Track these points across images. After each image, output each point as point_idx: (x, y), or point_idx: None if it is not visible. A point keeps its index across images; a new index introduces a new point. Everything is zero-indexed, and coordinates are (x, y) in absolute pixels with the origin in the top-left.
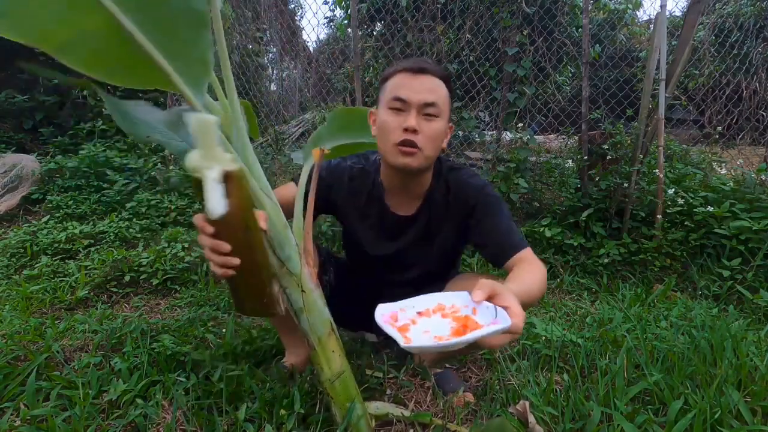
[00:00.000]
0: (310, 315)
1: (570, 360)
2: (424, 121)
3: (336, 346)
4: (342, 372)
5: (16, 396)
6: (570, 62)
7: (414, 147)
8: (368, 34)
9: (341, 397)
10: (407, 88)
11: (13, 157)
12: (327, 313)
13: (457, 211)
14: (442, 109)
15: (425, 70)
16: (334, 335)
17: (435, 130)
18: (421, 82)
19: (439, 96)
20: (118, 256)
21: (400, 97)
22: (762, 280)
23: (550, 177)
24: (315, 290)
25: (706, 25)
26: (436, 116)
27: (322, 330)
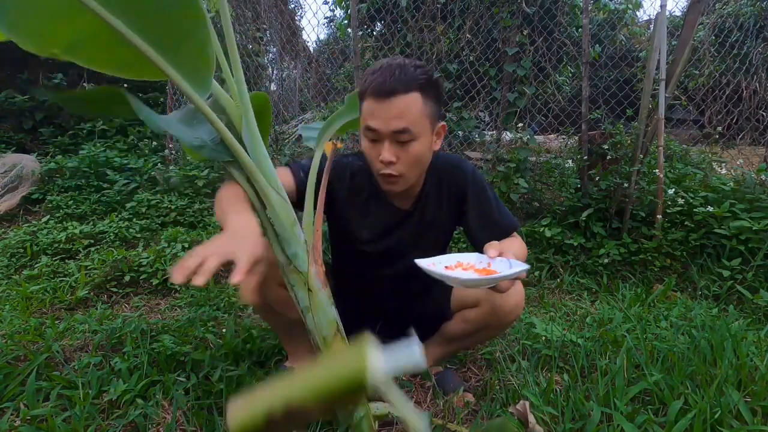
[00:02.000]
0: (316, 315)
1: (570, 360)
2: (400, 148)
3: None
4: None
5: (16, 396)
6: (570, 62)
7: (394, 177)
8: (368, 34)
9: None
10: (376, 118)
11: (13, 157)
12: (333, 313)
13: (449, 199)
14: (417, 129)
15: (393, 92)
16: (340, 336)
17: (413, 154)
18: (389, 109)
19: (410, 118)
20: (118, 256)
21: (370, 127)
22: (762, 280)
23: (550, 177)
24: (322, 290)
25: (706, 25)
26: (411, 140)
27: (327, 330)
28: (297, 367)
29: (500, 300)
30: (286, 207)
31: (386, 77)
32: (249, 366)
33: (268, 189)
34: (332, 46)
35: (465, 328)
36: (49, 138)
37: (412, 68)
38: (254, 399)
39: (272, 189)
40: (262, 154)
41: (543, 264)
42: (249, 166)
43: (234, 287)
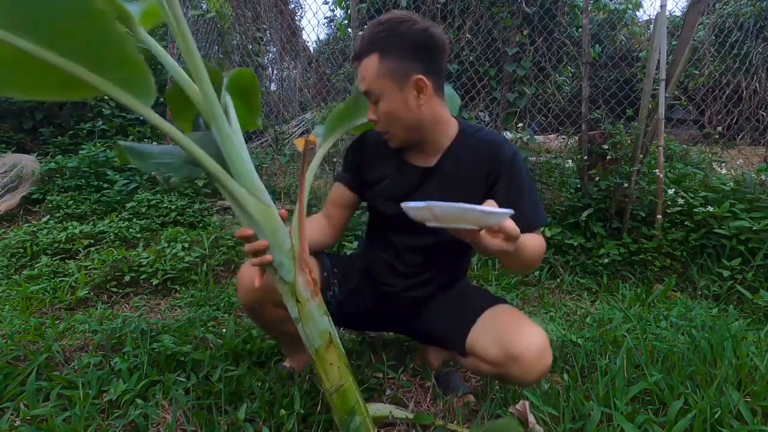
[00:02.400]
0: (306, 326)
1: (570, 360)
2: (375, 107)
3: (335, 358)
4: (341, 385)
5: (16, 396)
6: (570, 62)
7: (386, 134)
8: None
9: (339, 409)
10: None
11: (13, 157)
12: (325, 323)
13: (482, 171)
14: (377, 90)
15: (357, 57)
16: (333, 347)
17: (383, 112)
18: (359, 72)
19: (368, 81)
20: (118, 256)
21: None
22: (762, 280)
23: (550, 177)
24: (311, 300)
25: (706, 25)
26: (378, 100)
27: (319, 342)
28: (295, 367)
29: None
30: (267, 212)
31: (359, 43)
32: (249, 366)
33: (241, 193)
34: (332, 46)
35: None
36: (49, 138)
37: (378, 26)
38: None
39: (248, 193)
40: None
41: (543, 264)
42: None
43: (234, 287)
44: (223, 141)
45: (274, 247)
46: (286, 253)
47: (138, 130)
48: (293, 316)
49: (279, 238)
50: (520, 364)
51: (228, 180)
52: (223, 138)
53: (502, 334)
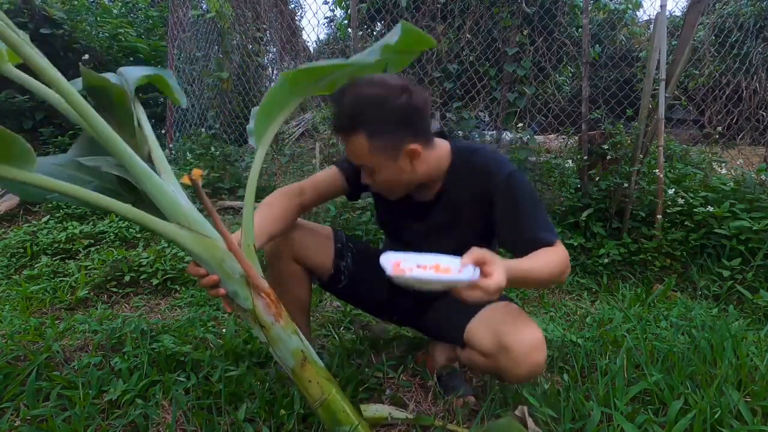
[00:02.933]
0: (276, 348)
1: (570, 360)
2: (368, 176)
3: (313, 374)
4: (324, 399)
5: (16, 396)
6: (570, 62)
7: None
8: (368, 34)
9: (327, 422)
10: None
11: None
12: (296, 342)
13: (477, 199)
14: (372, 164)
15: (339, 131)
16: (308, 364)
17: (380, 181)
18: (345, 145)
19: (361, 156)
20: (118, 256)
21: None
22: (762, 280)
23: (550, 177)
24: (276, 323)
25: (706, 25)
26: (372, 172)
27: (292, 362)
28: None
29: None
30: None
31: (336, 117)
32: (249, 366)
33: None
34: (332, 46)
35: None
36: (49, 138)
37: (363, 105)
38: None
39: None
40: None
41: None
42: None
43: None
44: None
45: (224, 278)
46: (238, 281)
47: None
48: (261, 340)
49: (227, 267)
50: (510, 355)
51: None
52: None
53: (498, 325)
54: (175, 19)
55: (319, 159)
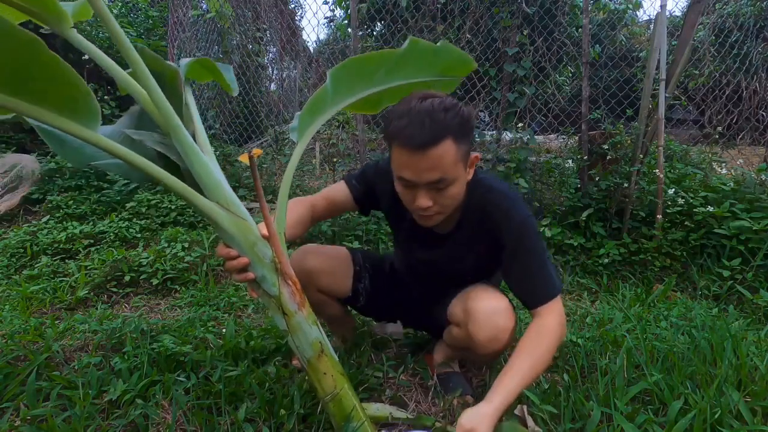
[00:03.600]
0: (295, 337)
1: (570, 360)
2: (437, 192)
3: (328, 367)
4: (336, 393)
5: (16, 396)
6: (570, 62)
7: (432, 214)
8: (368, 34)
9: (336, 417)
10: (410, 170)
11: (13, 157)
12: (315, 333)
13: (491, 236)
14: (452, 175)
15: (424, 145)
16: (325, 356)
17: (449, 196)
18: (422, 162)
19: (445, 168)
20: (118, 256)
21: (404, 178)
22: (762, 280)
23: (550, 177)
24: (299, 311)
25: (706, 25)
26: (447, 185)
27: (310, 352)
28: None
29: (472, 329)
30: (243, 225)
31: (416, 129)
32: (249, 366)
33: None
34: (332, 46)
35: (452, 341)
36: None
37: (442, 113)
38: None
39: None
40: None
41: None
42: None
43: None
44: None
45: (254, 262)
46: (268, 266)
47: None
48: (281, 328)
49: (258, 251)
50: (473, 318)
51: (196, 197)
52: (186, 150)
53: (468, 299)
54: (175, 19)
55: (319, 159)
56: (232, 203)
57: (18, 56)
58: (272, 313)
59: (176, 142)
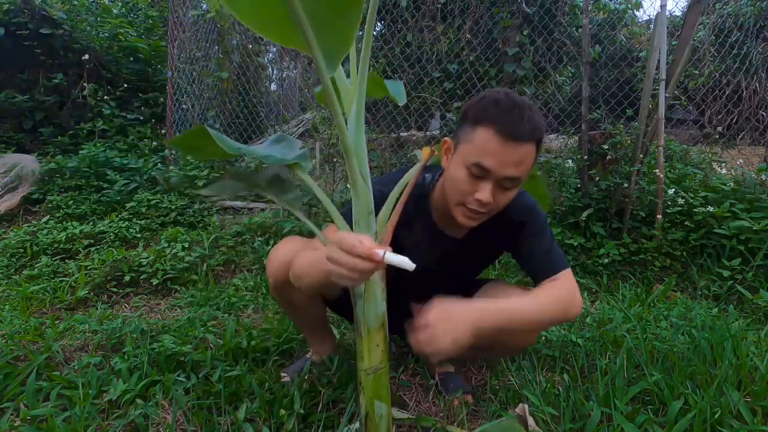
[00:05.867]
0: (367, 303)
1: (570, 360)
2: (500, 191)
3: (382, 341)
4: (380, 368)
5: (16, 396)
6: (570, 62)
7: (481, 214)
8: None
9: (371, 392)
10: (494, 159)
11: (13, 157)
12: (383, 307)
13: (504, 229)
14: (525, 177)
15: (522, 138)
16: (383, 331)
17: (509, 198)
18: (512, 154)
19: (524, 168)
20: (118, 256)
21: (483, 165)
22: (762, 280)
23: (550, 177)
24: (379, 282)
25: (706, 25)
26: (514, 187)
27: (374, 322)
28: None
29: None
30: (368, 195)
31: (518, 119)
32: (249, 366)
33: (356, 174)
34: None
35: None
36: (49, 138)
37: (539, 113)
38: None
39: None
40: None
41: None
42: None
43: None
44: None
45: (363, 227)
46: (371, 234)
47: (138, 130)
48: (357, 291)
49: (370, 219)
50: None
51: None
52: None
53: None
54: (175, 19)
55: (319, 159)
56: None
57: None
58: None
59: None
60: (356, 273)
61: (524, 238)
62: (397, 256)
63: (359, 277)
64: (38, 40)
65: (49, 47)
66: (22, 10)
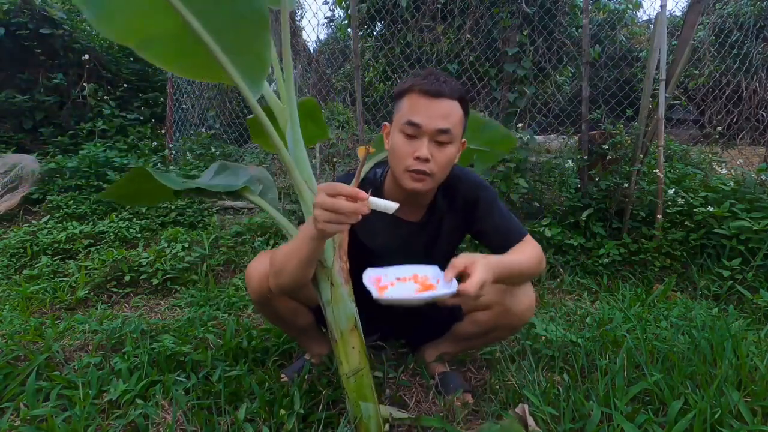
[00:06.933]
0: (336, 308)
1: (570, 360)
2: (436, 148)
3: (357, 343)
4: (359, 369)
5: (16, 396)
6: (570, 62)
7: (425, 174)
8: (368, 34)
9: (355, 394)
10: (422, 114)
11: (13, 157)
12: (353, 309)
13: (460, 209)
14: (456, 133)
15: (442, 93)
16: (357, 332)
17: (447, 156)
18: (436, 108)
19: (453, 121)
20: (118, 256)
21: (413, 121)
22: (762, 280)
23: (550, 177)
24: (344, 285)
25: (706, 25)
26: (448, 142)
27: (345, 324)
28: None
29: (511, 303)
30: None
31: (435, 81)
32: (249, 366)
33: (302, 185)
34: (332, 46)
35: (475, 330)
36: (49, 138)
37: (455, 81)
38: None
39: (306, 185)
40: (300, 152)
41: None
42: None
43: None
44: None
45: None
46: (329, 241)
47: (138, 130)
48: (325, 298)
49: None
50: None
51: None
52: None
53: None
54: None
55: (319, 159)
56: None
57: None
58: (321, 283)
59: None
60: (343, 215)
61: (482, 216)
62: (380, 200)
63: (346, 219)
64: (38, 40)
65: (49, 47)
66: (22, 10)
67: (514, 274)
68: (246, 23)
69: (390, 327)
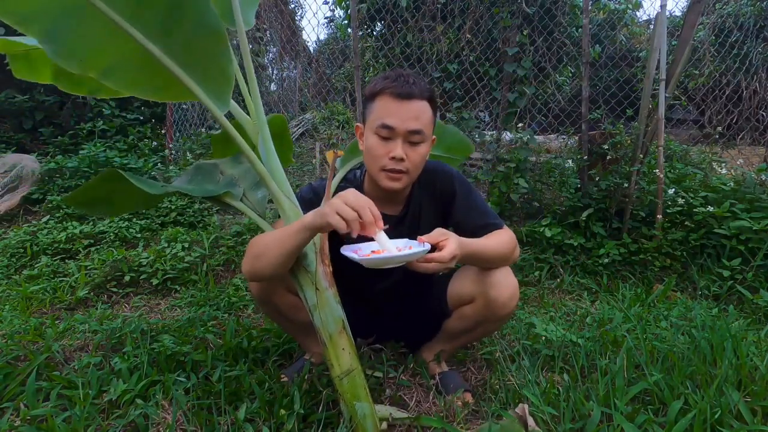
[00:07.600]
0: (322, 312)
1: (570, 360)
2: (410, 147)
3: (347, 344)
4: (351, 370)
5: (16, 396)
6: (570, 62)
7: (401, 173)
8: (368, 34)
9: (348, 395)
10: (394, 116)
11: (13, 157)
12: (339, 311)
13: (438, 200)
14: (427, 132)
15: (412, 95)
16: (345, 334)
17: (420, 154)
18: (407, 109)
19: (424, 122)
20: (118, 256)
21: (387, 124)
22: (762, 280)
23: (550, 177)
24: (329, 289)
25: (706, 25)
26: (421, 141)
27: (333, 327)
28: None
29: (493, 294)
30: (296, 211)
31: (405, 83)
32: (249, 366)
33: (279, 195)
34: (332, 46)
35: (464, 324)
36: (49, 138)
37: (423, 81)
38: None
39: (283, 195)
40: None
41: (543, 264)
42: (262, 173)
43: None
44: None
45: None
46: (310, 246)
47: (138, 130)
48: (311, 303)
49: None
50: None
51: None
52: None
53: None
54: None
55: (319, 159)
56: (290, 194)
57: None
58: (305, 289)
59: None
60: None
61: (460, 206)
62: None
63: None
64: None
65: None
66: None
67: (486, 256)
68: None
69: (380, 328)
